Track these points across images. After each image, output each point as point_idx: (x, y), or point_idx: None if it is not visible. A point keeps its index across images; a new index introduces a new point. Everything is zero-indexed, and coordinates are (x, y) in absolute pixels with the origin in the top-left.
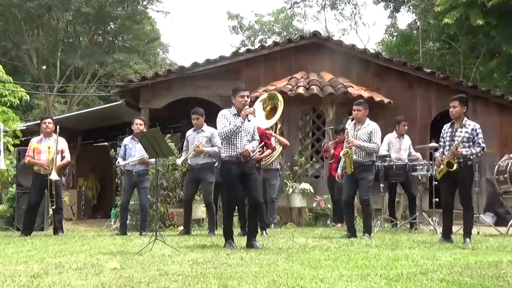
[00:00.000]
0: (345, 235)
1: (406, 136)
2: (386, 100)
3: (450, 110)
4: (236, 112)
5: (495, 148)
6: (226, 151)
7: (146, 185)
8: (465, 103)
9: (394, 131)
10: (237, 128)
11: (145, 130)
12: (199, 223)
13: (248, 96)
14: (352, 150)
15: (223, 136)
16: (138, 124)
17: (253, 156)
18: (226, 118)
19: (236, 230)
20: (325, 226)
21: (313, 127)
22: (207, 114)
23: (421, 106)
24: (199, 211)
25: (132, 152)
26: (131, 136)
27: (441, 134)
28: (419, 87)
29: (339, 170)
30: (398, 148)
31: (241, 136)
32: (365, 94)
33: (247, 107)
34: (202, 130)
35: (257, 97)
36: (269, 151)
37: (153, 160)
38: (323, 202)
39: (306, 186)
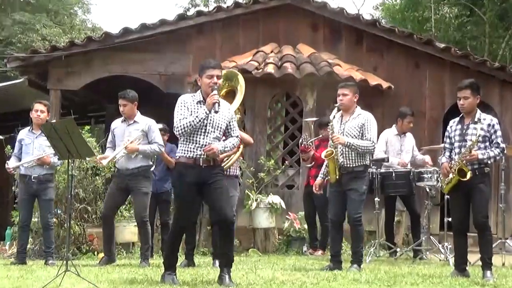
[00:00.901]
0: (326, 266)
1: (409, 134)
2: (385, 84)
3: (461, 102)
4: (201, 99)
5: None
6: (183, 150)
7: (50, 196)
8: (477, 91)
9: (394, 126)
10: (200, 121)
11: (50, 120)
12: (128, 249)
13: (218, 77)
14: (338, 150)
15: (180, 132)
16: (39, 111)
17: (226, 162)
18: (185, 106)
19: (181, 258)
20: (300, 254)
21: (287, 119)
22: (142, 99)
23: (431, 92)
24: (128, 232)
25: (29, 149)
26: (29, 128)
27: (447, 133)
28: (429, 68)
29: (318, 178)
30: (399, 149)
31: (205, 132)
32: (357, 75)
33: (215, 92)
34: (135, 122)
35: None
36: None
37: (57, 161)
38: (298, 222)
39: (275, 199)
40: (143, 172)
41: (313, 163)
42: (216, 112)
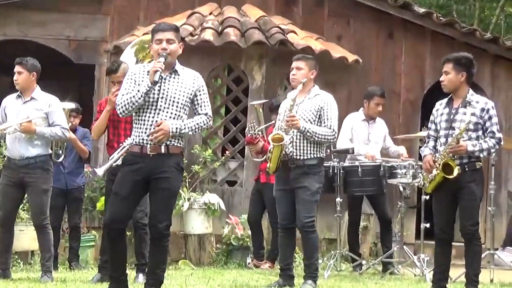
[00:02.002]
0: (275, 282)
1: (379, 120)
2: (351, 57)
3: (441, 78)
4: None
5: None
6: (132, 135)
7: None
8: (464, 67)
9: (361, 110)
10: (142, 96)
11: None
12: (27, 259)
13: (170, 41)
14: (289, 134)
15: (120, 111)
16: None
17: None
18: (132, 78)
19: (93, 271)
20: (242, 267)
21: (228, 98)
22: (45, 70)
23: (408, 69)
24: (27, 238)
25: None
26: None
27: (432, 117)
28: (406, 38)
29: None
30: (366, 138)
31: (156, 109)
32: (317, 45)
33: (161, 59)
34: (32, 99)
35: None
36: None
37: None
38: (241, 227)
39: (212, 199)
40: (41, 163)
41: (265, 156)
42: (154, 83)
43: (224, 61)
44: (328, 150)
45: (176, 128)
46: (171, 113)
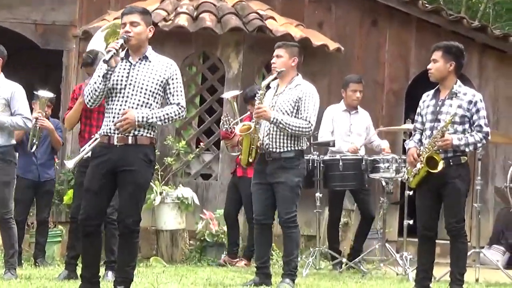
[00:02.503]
0: (250, 281)
1: (363, 111)
2: (332, 45)
3: (428, 66)
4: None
5: (511, 135)
6: (102, 125)
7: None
8: (453, 56)
9: (342, 100)
10: (101, 81)
11: None
12: None
13: (133, 23)
14: (259, 126)
15: (86, 100)
16: None
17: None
18: (101, 68)
19: (60, 268)
20: (217, 264)
21: (203, 87)
22: (10, 55)
23: (392, 58)
24: None
25: None
26: None
27: (419, 109)
28: (390, 26)
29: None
30: (347, 130)
31: (123, 97)
32: (297, 32)
33: (119, 41)
34: None
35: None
36: None
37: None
38: (216, 223)
39: (186, 193)
40: (2, 155)
41: (240, 150)
42: (105, 62)
43: (199, 48)
44: (308, 143)
45: (142, 117)
46: (139, 100)
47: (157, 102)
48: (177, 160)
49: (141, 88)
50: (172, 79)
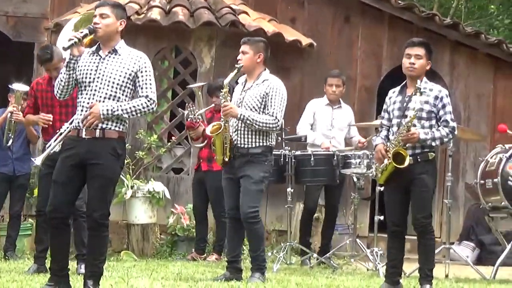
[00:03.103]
0: (221, 275)
1: (346, 106)
2: (305, 41)
3: (411, 61)
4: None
5: (481, 132)
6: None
7: None
8: (431, 54)
9: (325, 95)
10: (65, 72)
11: None
12: None
13: (103, 16)
14: (228, 124)
15: (56, 92)
16: None
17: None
18: (77, 61)
19: (29, 262)
20: (189, 259)
21: (175, 81)
22: None
23: (364, 55)
24: None
25: None
26: None
27: (385, 106)
28: (362, 22)
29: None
30: (329, 124)
31: (91, 89)
32: (269, 27)
33: (84, 30)
34: None
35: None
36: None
37: None
38: (187, 217)
39: (157, 187)
40: None
41: (205, 142)
42: (64, 49)
43: (171, 42)
44: (280, 138)
45: (107, 110)
46: (106, 93)
47: (126, 96)
48: (149, 154)
49: (109, 81)
50: (141, 72)
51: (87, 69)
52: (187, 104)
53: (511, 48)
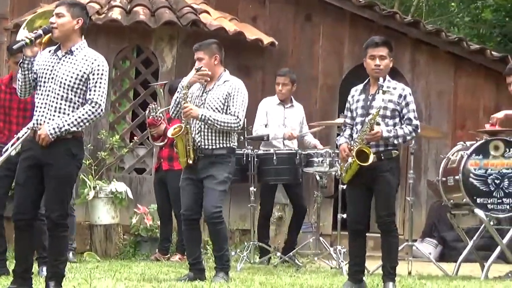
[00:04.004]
0: (185, 276)
1: (297, 105)
2: (266, 40)
3: (376, 62)
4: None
5: (443, 130)
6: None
7: None
8: (393, 52)
9: (277, 94)
10: (21, 71)
11: None
12: None
13: (59, 15)
14: (193, 126)
15: (18, 93)
16: None
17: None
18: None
19: None
20: (152, 260)
21: (137, 81)
22: None
23: (326, 53)
24: None
25: None
26: None
27: (348, 104)
28: (323, 20)
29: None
30: (282, 123)
31: (46, 90)
32: (231, 26)
33: (39, 31)
34: None
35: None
36: None
37: None
38: (150, 217)
39: (120, 187)
40: None
41: (165, 141)
42: (25, 56)
43: (132, 41)
44: (242, 137)
45: (54, 129)
46: (58, 94)
47: (79, 97)
48: (111, 154)
49: (61, 82)
50: (93, 74)
51: (44, 69)
52: (154, 104)
53: (472, 46)
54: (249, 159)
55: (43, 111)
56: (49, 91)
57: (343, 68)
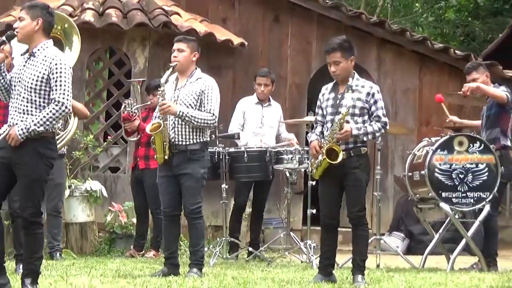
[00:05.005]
0: (159, 271)
1: (275, 104)
2: (236, 40)
3: (332, 69)
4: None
5: (408, 126)
6: None
7: None
8: (350, 51)
9: (257, 94)
10: None
11: None
12: None
13: (20, 19)
14: (168, 122)
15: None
16: None
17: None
18: None
19: None
20: (127, 256)
21: (110, 82)
22: None
23: (294, 53)
24: None
25: None
26: None
27: (319, 102)
28: (291, 21)
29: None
30: (259, 122)
31: (15, 94)
32: (201, 27)
33: (2, 38)
34: None
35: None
36: None
37: None
38: (125, 215)
39: (95, 185)
40: None
41: (139, 136)
42: None
43: (105, 43)
44: (213, 136)
45: (22, 130)
46: (24, 97)
47: (43, 98)
48: (85, 153)
49: (25, 85)
50: (53, 74)
51: (15, 73)
52: (128, 101)
53: (436, 45)
54: (221, 157)
55: (14, 114)
56: (18, 94)
57: (311, 67)
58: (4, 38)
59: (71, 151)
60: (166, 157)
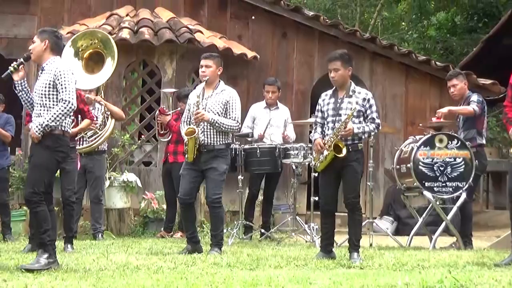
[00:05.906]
0: (184, 249)
1: (282, 107)
2: (250, 54)
3: (331, 75)
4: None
5: (396, 126)
6: None
7: None
8: (348, 62)
9: (266, 100)
10: (18, 94)
11: None
12: None
13: (33, 42)
14: (200, 128)
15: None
16: None
17: (97, 139)
18: None
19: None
20: (158, 237)
21: (143, 89)
22: None
23: (299, 64)
24: None
25: None
26: None
27: (319, 106)
28: (297, 37)
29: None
30: (267, 123)
31: (35, 101)
32: (220, 43)
33: (19, 60)
34: None
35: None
36: (86, 122)
37: None
38: (156, 202)
39: (130, 177)
40: None
41: (169, 137)
42: (15, 80)
43: (139, 57)
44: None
45: (37, 127)
46: (37, 103)
47: (53, 101)
48: (123, 150)
49: (38, 93)
50: (58, 79)
51: (34, 86)
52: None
53: (419, 57)
54: (237, 152)
55: (34, 119)
56: (36, 103)
57: (314, 77)
58: (21, 59)
59: (111, 148)
60: (194, 157)
